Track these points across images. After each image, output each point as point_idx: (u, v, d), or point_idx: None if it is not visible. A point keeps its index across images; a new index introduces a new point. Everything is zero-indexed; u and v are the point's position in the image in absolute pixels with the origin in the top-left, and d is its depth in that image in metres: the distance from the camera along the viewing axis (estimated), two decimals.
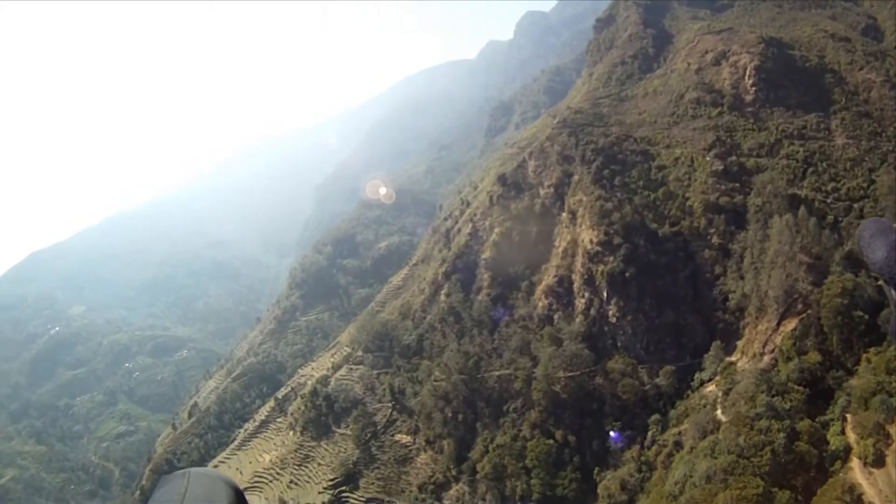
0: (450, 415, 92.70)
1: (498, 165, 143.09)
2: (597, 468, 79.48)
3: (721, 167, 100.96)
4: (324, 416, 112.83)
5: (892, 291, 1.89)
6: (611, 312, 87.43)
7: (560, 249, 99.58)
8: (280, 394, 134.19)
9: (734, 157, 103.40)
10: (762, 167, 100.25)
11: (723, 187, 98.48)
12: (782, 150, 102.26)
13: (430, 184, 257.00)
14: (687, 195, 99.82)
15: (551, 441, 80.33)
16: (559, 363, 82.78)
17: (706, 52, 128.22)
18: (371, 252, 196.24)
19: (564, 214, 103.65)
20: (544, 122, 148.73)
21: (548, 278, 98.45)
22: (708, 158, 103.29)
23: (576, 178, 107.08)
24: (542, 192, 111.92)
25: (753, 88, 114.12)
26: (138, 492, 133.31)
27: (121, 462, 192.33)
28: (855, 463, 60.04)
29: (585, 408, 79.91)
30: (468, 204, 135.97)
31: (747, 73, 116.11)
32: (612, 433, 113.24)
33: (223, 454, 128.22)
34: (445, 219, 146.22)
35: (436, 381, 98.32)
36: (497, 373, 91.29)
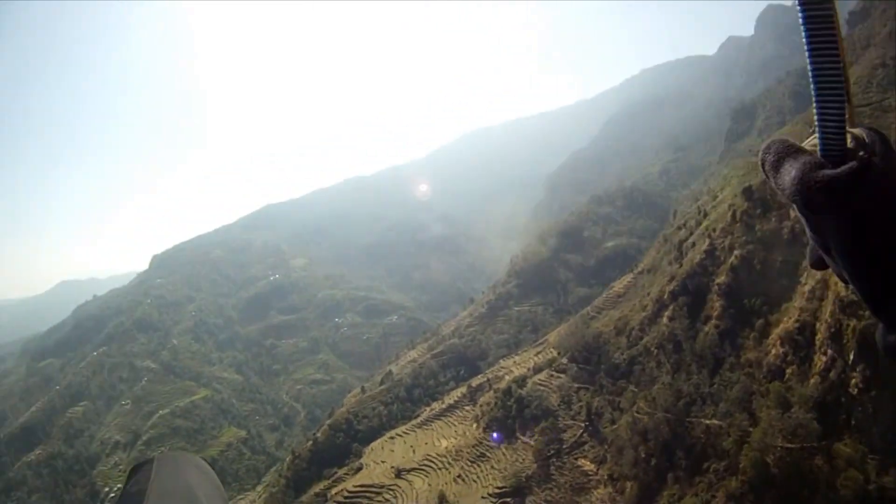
0: (643, 455, 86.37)
1: (741, 175, 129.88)
2: None
3: None
4: (511, 418, 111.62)
5: (803, 218, 1.92)
6: (853, 381, 72.95)
7: (806, 288, 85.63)
8: (475, 382, 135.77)
9: None
10: None
11: None
12: None
13: (665, 186, 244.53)
14: None
15: None
16: (780, 430, 72.08)
17: None
18: (596, 251, 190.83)
19: None
20: (794, 131, 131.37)
21: (787, 321, 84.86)
22: None
23: None
24: (792, 213, 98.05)
25: None
26: (310, 442, 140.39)
27: (308, 406, 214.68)
28: None
29: (794, 491, 67.17)
30: (705, 215, 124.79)
31: None
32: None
33: (402, 427, 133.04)
34: (679, 228, 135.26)
35: (638, 413, 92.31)
36: (707, 422, 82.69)
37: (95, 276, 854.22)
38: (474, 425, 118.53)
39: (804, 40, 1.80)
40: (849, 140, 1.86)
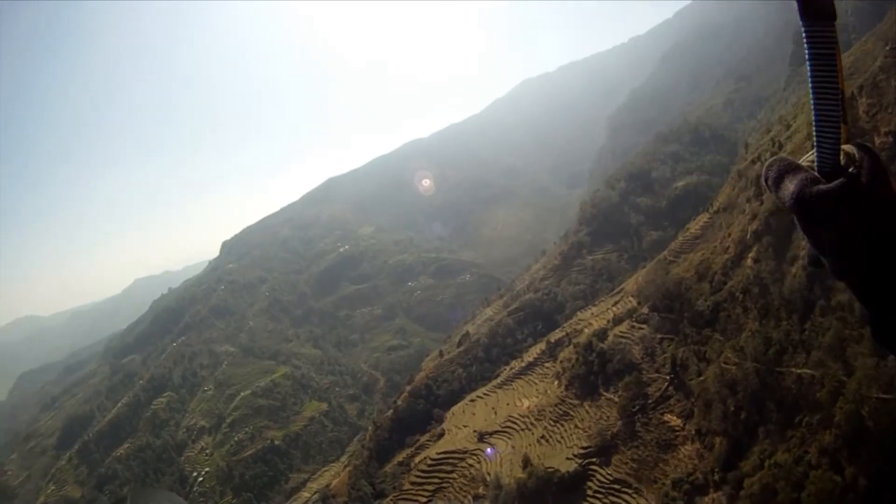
0: (732, 408, 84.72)
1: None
2: None
3: None
4: (593, 374, 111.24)
5: (799, 225, 2.32)
6: None
7: None
8: (553, 337, 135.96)
9: None
10: None
11: None
12: None
13: (730, 118, 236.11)
14: None
15: (838, 478, 65.47)
16: (875, 379, 68.88)
17: None
18: (666, 191, 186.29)
19: None
20: (864, 49, 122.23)
21: None
22: None
23: None
24: (877, 140, 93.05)
25: None
26: (391, 411, 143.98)
27: (387, 373, 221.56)
28: None
29: (890, 446, 63.86)
30: (780, 146, 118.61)
31: None
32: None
33: (483, 389, 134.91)
34: (753, 161, 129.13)
35: (725, 363, 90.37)
36: (799, 371, 79.82)
37: (169, 268, 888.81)
38: (555, 383, 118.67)
39: (808, 70, 2.11)
40: (842, 157, 2.21)
